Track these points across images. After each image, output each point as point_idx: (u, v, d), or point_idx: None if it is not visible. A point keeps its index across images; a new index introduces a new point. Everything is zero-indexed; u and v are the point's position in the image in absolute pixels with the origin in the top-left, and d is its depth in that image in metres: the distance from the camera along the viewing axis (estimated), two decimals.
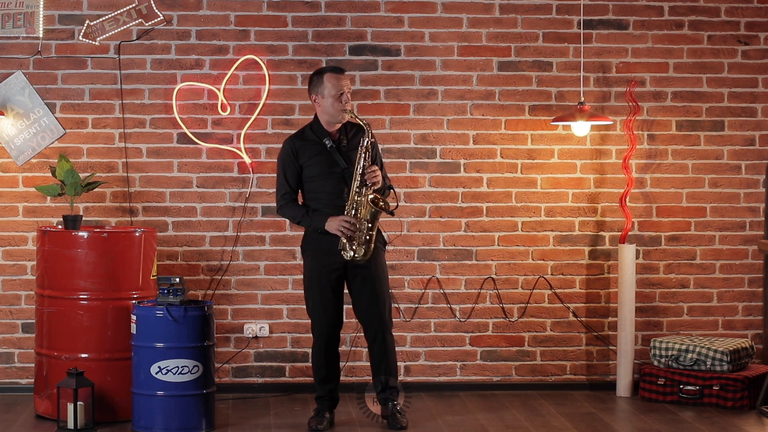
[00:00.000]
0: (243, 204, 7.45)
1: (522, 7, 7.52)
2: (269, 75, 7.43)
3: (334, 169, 6.39)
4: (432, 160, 7.51)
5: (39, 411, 6.78)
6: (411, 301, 7.51)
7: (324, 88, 6.39)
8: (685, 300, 7.65)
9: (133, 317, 6.40)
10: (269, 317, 7.48)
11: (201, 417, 6.38)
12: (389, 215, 6.42)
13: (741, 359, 7.24)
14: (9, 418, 6.75)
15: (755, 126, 7.65)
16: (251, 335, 7.46)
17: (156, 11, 7.37)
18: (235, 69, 7.41)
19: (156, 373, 6.30)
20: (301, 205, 6.46)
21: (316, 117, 6.50)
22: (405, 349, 7.49)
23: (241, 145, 7.42)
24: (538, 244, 7.57)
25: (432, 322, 7.53)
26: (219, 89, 7.41)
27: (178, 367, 6.30)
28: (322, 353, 6.52)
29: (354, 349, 7.47)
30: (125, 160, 7.39)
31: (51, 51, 7.35)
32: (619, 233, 7.53)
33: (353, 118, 6.40)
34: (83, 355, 6.59)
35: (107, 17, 7.36)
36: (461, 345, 7.57)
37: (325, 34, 7.45)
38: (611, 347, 7.59)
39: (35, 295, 6.89)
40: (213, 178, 7.44)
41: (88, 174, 7.18)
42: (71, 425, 6.32)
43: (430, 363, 7.54)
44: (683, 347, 7.22)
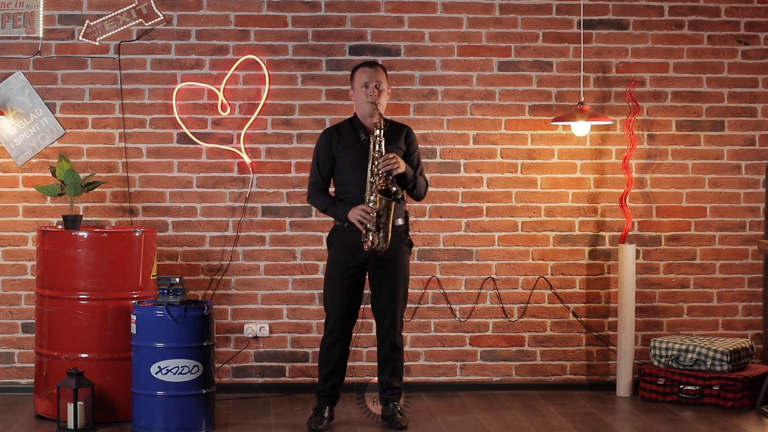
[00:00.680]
0: (243, 204, 7.45)
1: (522, 7, 7.52)
2: (269, 75, 7.43)
3: (363, 163, 6.42)
4: (432, 160, 7.51)
5: (39, 411, 6.78)
6: (411, 301, 7.50)
7: (356, 81, 6.49)
8: (685, 300, 7.65)
9: (133, 317, 6.40)
10: (269, 317, 7.48)
11: (201, 417, 6.38)
12: (397, 201, 6.37)
13: (741, 359, 7.24)
14: (9, 418, 6.75)
15: (755, 126, 7.65)
16: (251, 335, 7.46)
17: (156, 11, 7.37)
18: (235, 69, 7.41)
19: (156, 373, 6.30)
20: (328, 195, 6.53)
21: (355, 112, 6.58)
22: (405, 349, 7.48)
23: (241, 145, 7.42)
24: (538, 244, 7.58)
25: (432, 322, 7.53)
26: (219, 89, 7.41)
27: (178, 367, 6.30)
28: (331, 347, 6.51)
29: (354, 349, 7.46)
30: (125, 160, 7.39)
31: (51, 51, 7.35)
32: (619, 233, 7.53)
33: (378, 110, 6.38)
34: (83, 355, 6.59)
35: (107, 17, 7.36)
36: (461, 345, 7.57)
37: (325, 34, 7.45)
38: (611, 347, 7.59)
39: (35, 295, 6.89)
40: (213, 178, 7.44)
41: (88, 174, 7.18)
42: (71, 425, 6.32)
43: (430, 363, 7.54)
44: (683, 347, 7.22)
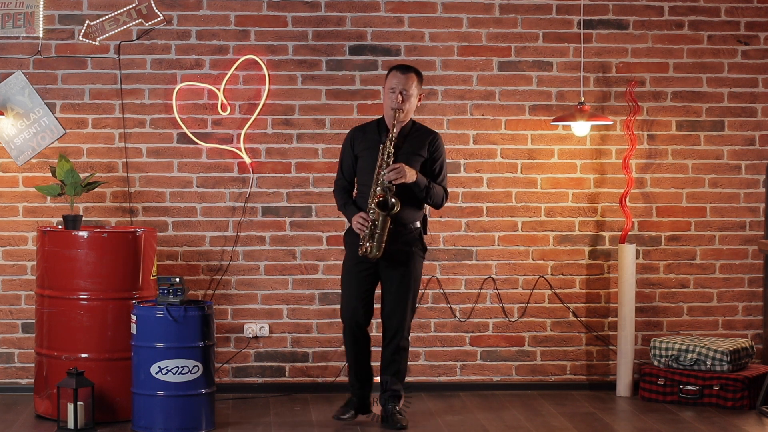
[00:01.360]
0: (243, 204, 7.45)
1: (522, 7, 7.52)
2: (269, 75, 7.43)
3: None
4: None
5: (39, 411, 6.78)
6: None
7: (386, 83, 6.51)
8: (685, 300, 7.66)
9: (133, 317, 6.40)
10: (269, 317, 7.48)
11: (201, 417, 6.38)
12: (389, 215, 6.37)
13: (741, 359, 7.24)
14: (9, 418, 6.75)
15: (755, 126, 7.65)
16: (251, 335, 7.46)
17: (156, 11, 7.37)
18: (235, 69, 7.41)
19: (156, 373, 6.30)
20: (345, 195, 6.57)
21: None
22: None
23: (241, 145, 7.42)
24: (538, 244, 7.58)
25: (432, 322, 7.53)
26: (219, 89, 7.41)
27: (178, 367, 6.30)
28: (350, 347, 6.56)
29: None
30: (125, 160, 7.39)
31: (51, 51, 7.35)
32: (619, 233, 7.53)
33: (397, 116, 6.38)
34: (83, 355, 6.59)
35: (107, 17, 7.36)
36: (461, 345, 7.57)
37: (325, 34, 7.46)
38: (611, 347, 7.59)
39: (35, 295, 6.89)
40: (213, 178, 7.44)
41: (88, 174, 7.18)
42: (71, 425, 6.32)
43: (430, 363, 7.54)
44: (683, 347, 7.22)
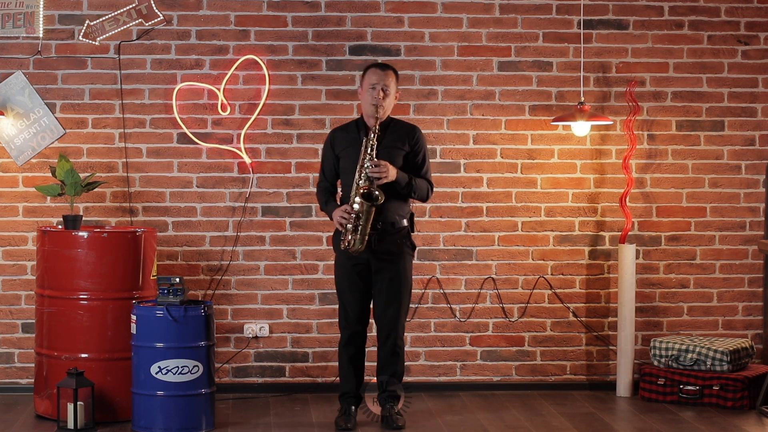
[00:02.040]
0: (243, 204, 7.45)
1: (522, 7, 7.52)
2: (269, 75, 7.43)
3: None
4: (432, 160, 7.50)
5: (39, 411, 6.78)
6: (411, 301, 7.49)
7: (365, 80, 6.49)
8: (685, 300, 7.66)
9: (133, 317, 6.40)
10: (269, 317, 7.48)
11: (201, 417, 6.38)
12: (372, 206, 6.34)
13: (741, 359, 7.24)
14: (9, 418, 6.75)
15: (755, 126, 7.65)
16: (251, 335, 7.46)
17: (156, 11, 7.37)
18: (235, 69, 7.41)
19: (156, 373, 6.30)
20: (326, 195, 6.57)
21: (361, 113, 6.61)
22: (405, 349, 7.47)
23: (241, 145, 7.42)
24: (538, 244, 7.58)
25: (432, 322, 7.53)
26: (219, 89, 7.41)
27: (178, 367, 6.30)
28: (347, 348, 6.54)
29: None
30: (125, 160, 7.39)
31: (51, 51, 7.35)
32: (619, 233, 7.53)
33: (376, 114, 6.39)
34: (83, 355, 6.59)
35: (107, 17, 7.36)
36: (461, 345, 7.57)
37: (325, 34, 7.46)
38: (611, 347, 7.59)
39: (35, 295, 6.89)
40: (213, 178, 7.44)
41: (88, 174, 7.18)
42: (71, 425, 6.32)
43: (430, 363, 7.54)
44: (683, 347, 7.22)
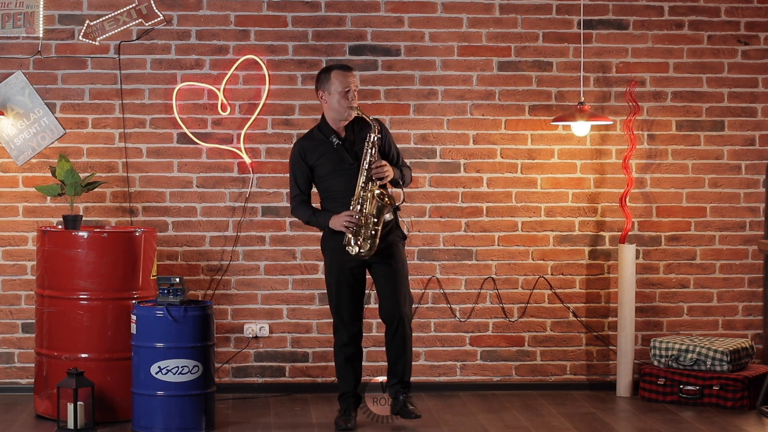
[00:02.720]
0: (243, 204, 7.45)
1: (522, 7, 7.52)
2: (269, 75, 7.43)
3: (343, 167, 6.40)
4: (432, 160, 7.51)
5: (39, 411, 6.78)
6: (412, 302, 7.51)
7: (331, 84, 6.40)
8: (685, 300, 7.65)
9: (133, 317, 6.40)
10: (269, 317, 7.48)
11: (201, 417, 6.38)
12: (396, 210, 6.42)
13: (741, 359, 7.24)
14: (9, 418, 6.75)
15: (755, 126, 7.65)
16: (251, 335, 7.46)
17: (156, 11, 7.37)
18: (235, 69, 7.41)
19: (156, 373, 6.30)
20: (308, 206, 6.48)
21: (323, 116, 6.51)
22: None
23: (241, 145, 7.42)
24: (538, 244, 7.58)
25: (432, 322, 7.53)
26: (219, 89, 7.41)
27: (178, 367, 6.30)
28: (345, 349, 6.51)
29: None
30: (125, 160, 7.39)
31: (51, 51, 7.35)
32: (619, 233, 7.53)
33: (359, 114, 6.39)
34: (83, 355, 6.59)
35: (107, 17, 7.36)
36: (461, 345, 7.57)
37: (325, 34, 7.45)
38: (611, 347, 7.59)
39: (35, 295, 6.89)
40: (213, 178, 7.44)
41: (88, 174, 7.18)
42: (71, 425, 6.32)
43: (430, 363, 7.54)
44: (683, 347, 7.22)
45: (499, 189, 7.55)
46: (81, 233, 6.64)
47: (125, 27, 7.37)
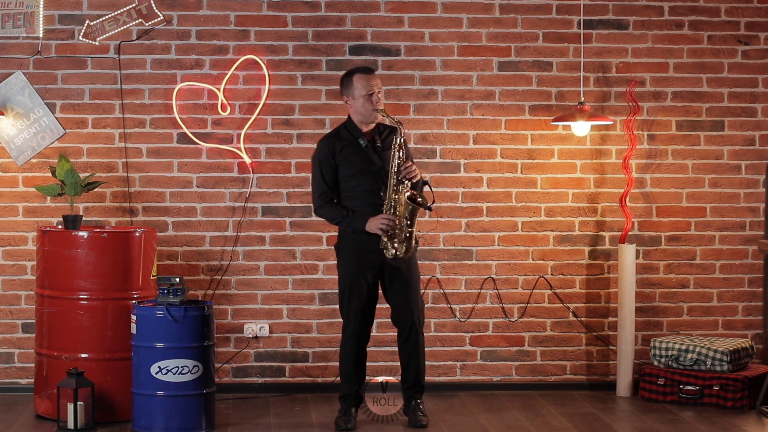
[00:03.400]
0: (243, 204, 7.45)
1: (522, 7, 7.52)
2: (269, 75, 7.43)
3: (370, 168, 6.45)
4: (432, 160, 7.51)
5: (39, 411, 6.78)
6: None
7: (354, 88, 6.46)
8: (685, 300, 7.65)
9: (133, 317, 6.40)
10: (269, 317, 7.48)
11: (201, 417, 6.38)
12: (428, 210, 6.43)
13: (741, 359, 7.24)
14: (9, 418, 6.75)
15: (755, 126, 7.65)
16: (251, 335, 7.46)
17: (156, 11, 7.37)
18: (235, 69, 7.41)
19: (156, 373, 6.30)
20: (341, 206, 6.50)
21: (349, 117, 6.56)
22: None
23: (241, 145, 7.42)
24: (538, 244, 7.58)
25: (432, 322, 7.53)
26: (219, 89, 7.41)
27: (178, 367, 6.30)
28: (353, 352, 6.52)
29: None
30: (125, 160, 7.39)
31: (51, 51, 7.35)
32: (619, 233, 7.53)
33: (384, 117, 6.44)
34: (83, 355, 6.59)
35: (107, 17, 7.36)
36: (461, 345, 7.57)
37: (325, 34, 7.45)
38: (611, 347, 7.59)
39: (35, 295, 6.89)
40: (213, 178, 7.44)
41: (88, 174, 7.18)
42: (71, 425, 6.32)
43: (430, 363, 7.52)
44: (683, 347, 7.22)
45: (499, 189, 7.55)
46: (81, 233, 6.64)
47: (125, 27, 7.37)
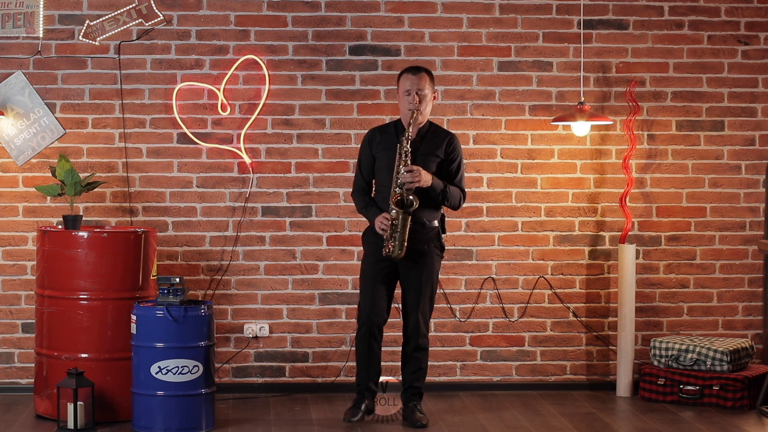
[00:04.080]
0: (243, 204, 7.45)
1: (522, 7, 7.52)
2: (269, 75, 7.43)
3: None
4: None
5: (39, 411, 6.78)
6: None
7: (399, 86, 6.56)
8: (685, 300, 7.66)
9: (133, 317, 6.40)
10: (269, 317, 7.48)
11: (201, 417, 6.38)
12: (407, 214, 6.41)
13: (741, 359, 7.24)
14: (9, 418, 6.75)
15: (755, 126, 7.65)
16: (251, 335, 7.46)
17: (156, 11, 7.37)
18: (235, 69, 7.41)
19: (156, 373, 6.30)
20: (366, 197, 6.63)
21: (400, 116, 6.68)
22: None
23: (241, 145, 7.42)
24: (538, 244, 7.58)
25: (432, 322, 7.52)
26: (219, 89, 7.41)
27: (178, 367, 6.30)
28: (362, 342, 6.56)
29: (354, 349, 7.46)
30: (125, 160, 7.39)
31: (51, 51, 7.35)
32: (619, 233, 7.53)
33: (414, 117, 6.42)
34: (83, 355, 6.59)
35: (107, 17, 7.36)
36: (461, 345, 7.57)
37: (325, 34, 7.45)
38: (611, 347, 7.59)
39: (35, 295, 6.89)
40: (213, 178, 7.44)
41: (88, 174, 7.18)
42: (71, 425, 6.32)
43: (430, 363, 7.51)
44: (683, 347, 7.22)
45: (499, 189, 7.55)
46: (81, 233, 6.64)
47: (125, 27, 7.37)
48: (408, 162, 6.40)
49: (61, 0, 7.34)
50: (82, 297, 6.60)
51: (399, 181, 6.40)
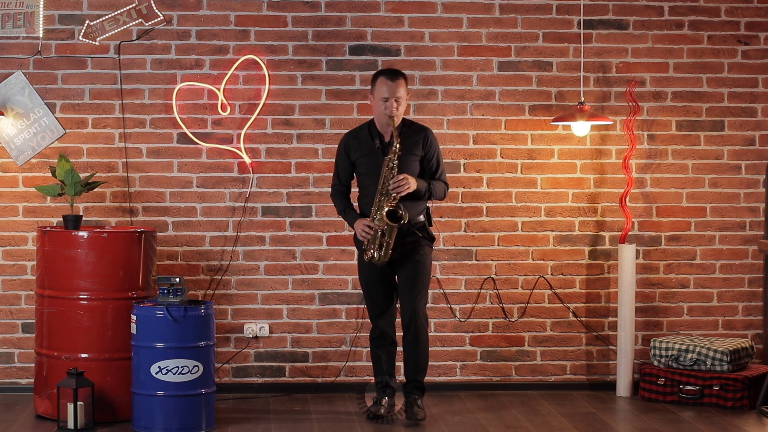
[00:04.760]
0: (243, 204, 7.45)
1: (522, 7, 7.52)
2: (269, 75, 7.43)
3: (378, 170, 6.51)
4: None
5: (39, 411, 6.78)
6: None
7: (376, 89, 6.54)
8: (685, 300, 7.66)
9: (133, 317, 6.40)
10: (269, 317, 7.48)
11: (201, 417, 6.38)
12: (401, 227, 6.45)
13: (741, 359, 7.24)
14: (9, 418, 6.75)
15: (755, 126, 7.65)
16: (251, 335, 7.46)
17: (156, 11, 7.37)
18: (235, 69, 7.41)
19: (156, 373, 6.30)
20: (344, 200, 6.68)
21: (373, 118, 6.66)
22: None
23: (241, 145, 7.42)
24: (538, 244, 7.58)
25: (432, 322, 7.53)
26: (219, 89, 7.41)
27: (178, 367, 6.30)
28: (374, 342, 6.70)
29: (354, 349, 7.47)
30: (125, 160, 7.39)
31: (51, 51, 7.35)
32: (619, 233, 7.53)
33: (392, 126, 6.44)
34: (83, 355, 6.59)
35: (107, 17, 7.36)
36: (461, 345, 7.57)
37: (325, 34, 7.45)
38: (611, 347, 7.59)
39: (35, 295, 6.89)
40: (213, 178, 7.44)
41: (88, 174, 7.18)
42: (71, 425, 6.32)
43: (430, 363, 7.52)
44: (683, 347, 7.22)
45: (499, 189, 7.55)
46: (81, 233, 6.64)
47: (125, 27, 7.37)
48: (395, 173, 6.42)
49: (61, 0, 7.34)
50: (82, 297, 6.60)
51: (386, 192, 6.41)
